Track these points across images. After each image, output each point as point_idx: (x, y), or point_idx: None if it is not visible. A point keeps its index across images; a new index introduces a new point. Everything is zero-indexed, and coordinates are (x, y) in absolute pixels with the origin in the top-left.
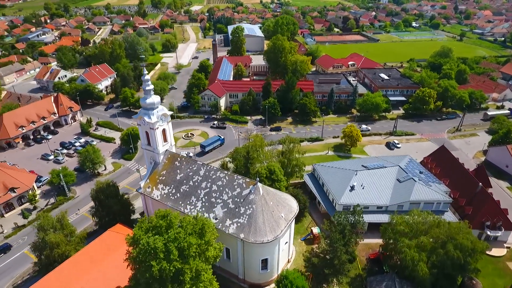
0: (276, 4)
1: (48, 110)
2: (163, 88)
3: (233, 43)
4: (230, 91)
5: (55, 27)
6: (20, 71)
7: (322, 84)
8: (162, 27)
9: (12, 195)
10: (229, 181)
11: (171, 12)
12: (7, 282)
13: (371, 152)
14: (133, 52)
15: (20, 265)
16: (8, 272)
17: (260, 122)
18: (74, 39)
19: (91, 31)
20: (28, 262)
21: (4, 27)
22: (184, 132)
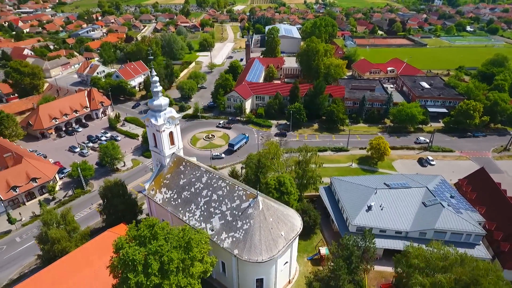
0: (320, 4)
1: (81, 103)
2: (191, 87)
3: (267, 44)
4: (257, 93)
5: (104, 24)
6: (65, 65)
7: (354, 90)
8: (203, 26)
9: (34, 185)
10: (229, 191)
11: (214, 11)
12: (15, 270)
13: (400, 168)
14: (170, 50)
15: (30, 254)
16: (18, 260)
17: (285, 127)
18: (119, 35)
19: (137, 29)
20: (38, 252)
21: (60, 23)
22: (206, 133)
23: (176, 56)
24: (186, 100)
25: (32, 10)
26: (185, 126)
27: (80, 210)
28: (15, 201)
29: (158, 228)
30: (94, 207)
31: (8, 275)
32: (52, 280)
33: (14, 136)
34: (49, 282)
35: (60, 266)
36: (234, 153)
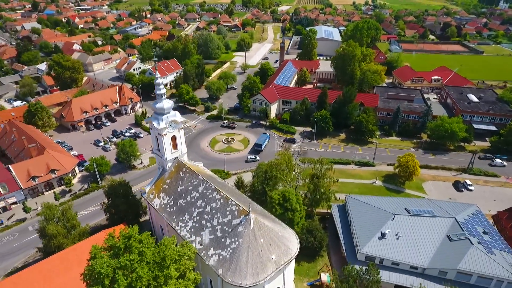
0: (369, 6)
1: (112, 99)
2: (219, 87)
3: (303, 46)
4: (284, 98)
5: (151, 22)
6: (107, 60)
7: (390, 100)
8: (244, 26)
9: (52, 176)
10: (222, 205)
11: (258, 11)
12: (21, 258)
13: (431, 191)
14: (206, 50)
15: (38, 244)
16: (27, 248)
17: (308, 135)
18: (162, 33)
19: (180, 27)
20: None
21: (112, 20)
22: (226, 136)
23: (211, 56)
24: (214, 100)
25: (90, 7)
26: (208, 127)
27: (92, 204)
28: (35, 190)
29: (134, 240)
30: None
31: (14, 263)
32: (42, 277)
33: (47, 126)
34: (37, 279)
35: (50, 264)
36: (261, 152)
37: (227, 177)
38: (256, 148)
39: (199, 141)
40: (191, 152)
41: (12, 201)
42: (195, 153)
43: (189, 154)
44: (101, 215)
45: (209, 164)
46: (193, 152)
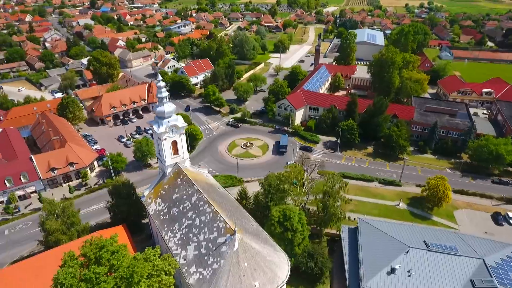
0: (423, 9)
1: (140, 95)
2: (247, 90)
3: (342, 49)
4: (311, 104)
5: (195, 20)
6: (146, 57)
7: (428, 113)
8: (285, 27)
9: (71, 169)
10: (211, 219)
11: (302, 12)
12: (27, 249)
13: (464, 221)
14: (241, 50)
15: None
16: (34, 239)
17: (332, 146)
18: (203, 32)
19: (222, 26)
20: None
21: (159, 17)
22: (246, 140)
23: (246, 56)
24: (242, 102)
25: (142, 5)
26: (230, 129)
27: (103, 200)
28: (54, 182)
29: (106, 251)
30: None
31: (21, 251)
32: (29, 273)
33: (77, 119)
34: (23, 276)
35: (40, 261)
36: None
37: (239, 184)
38: (281, 150)
39: (218, 143)
40: (208, 154)
41: (32, 190)
42: (211, 156)
43: (205, 156)
44: (104, 213)
45: (223, 169)
46: (210, 155)
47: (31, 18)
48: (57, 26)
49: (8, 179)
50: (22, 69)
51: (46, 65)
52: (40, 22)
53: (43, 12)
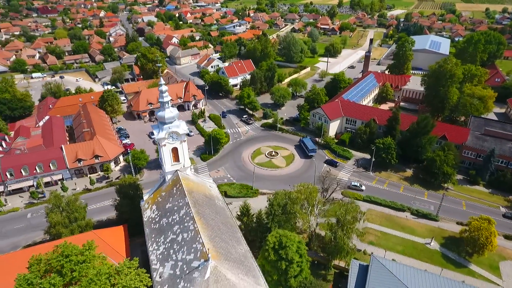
0: (506, 14)
1: (177, 94)
2: (283, 95)
3: (396, 57)
4: (348, 116)
5: (251, 20)
6: (195, 55)
7: (487, 137)
8: (341, 30)
9: (95, 161)
10: (191, 239)
11: (364, 14)
12: (41, 234)
13: (510, 277)
14: (288, 52)
15: None
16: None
17: (365, 164)
18: (256, 32)
19: (277, 27)
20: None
21: (217, 16)
22: (271, 149)
23: (293, 59)
24: (277, 107)
25: (205, 4)
26: (259, 135)
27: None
28: (80, 172)
29: (68, 261)
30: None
31: (35, 237)
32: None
33: (114, 112)
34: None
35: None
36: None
37: (254, 195)
38: (310, 153)
39: (242, 149)
40: (230, 159)
41: (58, 178)
42: (233, 162)
43: (226, 161)
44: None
45: (242, 177)
46: (232, 160)
47: (104, 14)
48: (124, 22)
49: (39, 165)
50: (84, 61)
51: (105, 58)
52: (110, 18)
53: (115, 8)
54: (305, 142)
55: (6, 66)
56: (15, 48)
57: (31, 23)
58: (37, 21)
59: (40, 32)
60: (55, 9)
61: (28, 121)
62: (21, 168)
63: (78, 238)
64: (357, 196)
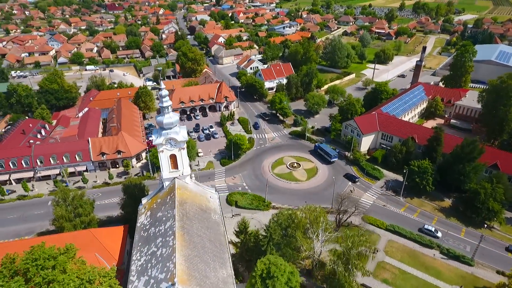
0: None
1: (210, 94)
2: (317, 102)
3: (453, 68)
4: (385, 131)
5: (303, 22)
6: (238, 55)
7: None
8: (398, 35)
9: (117, 156)
10: (167, 256)
11: (427, 19)
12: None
13: None
14: (333, 57)
15: None
16: None
17: (396, 187)
18: (305, 34)
19: (328, 29)
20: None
21: (268, 17)
22: (294, 160)
23: (337, 64)
24: (311, 115)
25: (260, 4)
26: (285, 143)
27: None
28: (104, 165)
29: (33, 266)
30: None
31: (49, 225)
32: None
33: (147, 109)
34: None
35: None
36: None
37: (265, 209)
38: (332, 159)
39: (265, 157)
40: (249, 167)
41: (83, 169)
42: (252, 170)
43: (245, 168)
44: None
45: (257, 187)
46: (251, 167)
47: (163, 11)
48: (180, 20)
49: (66, 155)
50: (135, 56)
51: (154, 54)
52: (167, 16)
53: (174, 6)
54: (323, 147)
55: (66, 58)
56: (78, 41)
57: (98, 18)
58: (103, 17)
59: (104, 27)
60: (121, 6)
61: (70, 111)
62: (50, 157)
63: (74, 235)
64: (379, 223)
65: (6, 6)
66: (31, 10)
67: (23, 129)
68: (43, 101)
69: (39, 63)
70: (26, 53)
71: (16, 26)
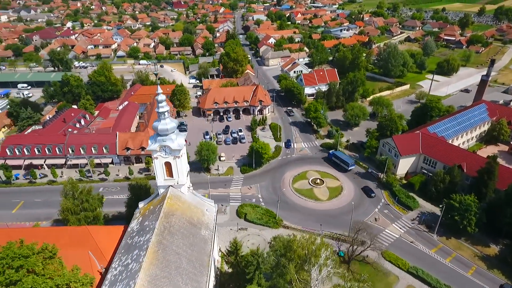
0: None
1: (245, 96)
2: (356, 114)
3: None
4: (428, 154)
5: (363, 25)
6: (285, 58)
7: None
8: (470, 43)
9: (141, 152)
10: (134, 273)
11: (510, 26)
12: None
13: None
14: (386, 64)
15: None
16: None
17: (430, 222)
18: (361, 38)
19: (389, 34)
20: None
21: (327, 18)
22: (318, 175)
23: (390, 73)
24: (350, 127)
25: (321, 5)
26: (314, 156)
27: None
28: (129, 159)
29: (5, 266)
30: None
31: None
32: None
33: (181, 107)
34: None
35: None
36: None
37: (274, 226)
38: (350, 168)
39: (288, 168)
40: (269, 178)
41: (108, 162)
42: (271, 181)
43: (264, 179)
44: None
45: (273, 201)
46: (271, 179)
47: (223, 10)
48: (238, 20)
49: (95, 146)
50: (186, 53)
51: (203, 52)
52: (225, 15)
53: (234, 6)
54: (339, 155)
55: (124, 52)
56: (138, 36)
57: (162, 15)
58: (167, 14)
59: (166, 24)
60: (186, 4)
61: (112, 103)
62: (80, 147)
63: (70, 231)
64: (400, 262)
65: (87, 1)
66: (107, 5)
67: (64, 117)
68: (90, 92)
69: (100, 55)
70: (92, 46)
71: (90, 20)
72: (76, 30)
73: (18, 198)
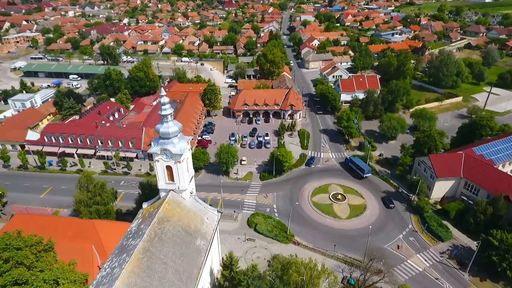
0: None
1: (276, 100)
2: (393, 126)
3: None
4: (469, 179)
5: (419, 29)
6: (326, 61)
7: None
8: None
9: None
10: (114, 279)
11: None
12: None
13: None
14: (437, 73)
15: None
16: None
17: (462, 258)
18: (413, 44)
19: (447, 40)
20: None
21: (379, 21)
22: (341, 190)
23: (441, 83)
24: (385, 140)
25: (375, 7)
26: (338, 168)
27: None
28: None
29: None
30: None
31: None
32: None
33: (212, 107)
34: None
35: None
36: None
37: (284, 241)
38: (365, 175)
39: (310, 179)
40: (288, 187)
41: (133, 156)
42: (289, 191)
43: (283, 188)
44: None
45: (287, 213)
46: (289, 188)
47: (272, 10)
48: (285, 20)
49: (122, 140)
50: (227, 52)
51: (245, 52)
52: (273, 15)
53: (284, 5)
54: (355, 161)
55: (169, 48)
56: (185, 34)
57: (212, 14)
58: (216, 12)
59: (214, 22)
60: (237, 3)
61: (148, 99)
62: (109, 139)
63: (76, 223)
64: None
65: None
66: (163, 3)
67: (100, 110)
68: (129, 87)
69: (147, 51)
70: (142, 41)
71: (145, 17)
72: (130, 26)
73: (48, 184)
